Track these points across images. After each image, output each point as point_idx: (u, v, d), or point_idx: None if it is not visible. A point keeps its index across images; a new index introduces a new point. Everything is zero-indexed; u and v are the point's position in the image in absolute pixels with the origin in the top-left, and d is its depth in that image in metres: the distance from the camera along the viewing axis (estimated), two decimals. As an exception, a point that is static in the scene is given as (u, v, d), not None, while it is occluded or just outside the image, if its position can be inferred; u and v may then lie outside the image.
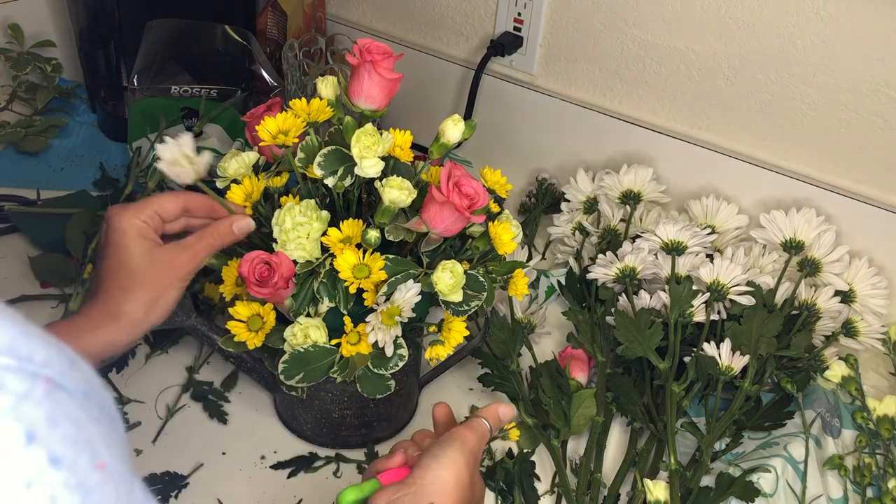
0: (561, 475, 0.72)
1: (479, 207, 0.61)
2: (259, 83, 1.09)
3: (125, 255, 0.59)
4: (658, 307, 0.81)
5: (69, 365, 0.28)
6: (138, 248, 0.59)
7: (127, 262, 0.59)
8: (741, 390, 0.74)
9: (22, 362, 0.26)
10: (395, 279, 0.62)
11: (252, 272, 0.60)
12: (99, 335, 0.57)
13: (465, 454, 0.53)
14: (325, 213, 0.62)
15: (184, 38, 1.06)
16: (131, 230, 0.59)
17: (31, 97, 1.13)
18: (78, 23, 1.12)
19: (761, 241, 0.86)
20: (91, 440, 0.27)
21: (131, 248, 0.59)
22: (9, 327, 0.27)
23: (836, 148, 0.89)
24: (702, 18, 0.91)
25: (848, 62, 0.84)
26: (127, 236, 0.59)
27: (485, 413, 0.59)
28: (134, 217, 0.60)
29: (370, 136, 0.61)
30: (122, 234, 0.59)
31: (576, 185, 0.98)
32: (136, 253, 0.59)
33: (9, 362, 0.26)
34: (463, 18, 1.11)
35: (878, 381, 0.86)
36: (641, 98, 1.01)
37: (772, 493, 0.70)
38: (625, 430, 0.79)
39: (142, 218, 0.60)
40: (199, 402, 0.79)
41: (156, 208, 0.61)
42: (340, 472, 0.74)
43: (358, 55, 0.64)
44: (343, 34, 1.15)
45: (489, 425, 0.58)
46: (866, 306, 0.82)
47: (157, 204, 0.61)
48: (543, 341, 0.90)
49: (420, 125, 0.92)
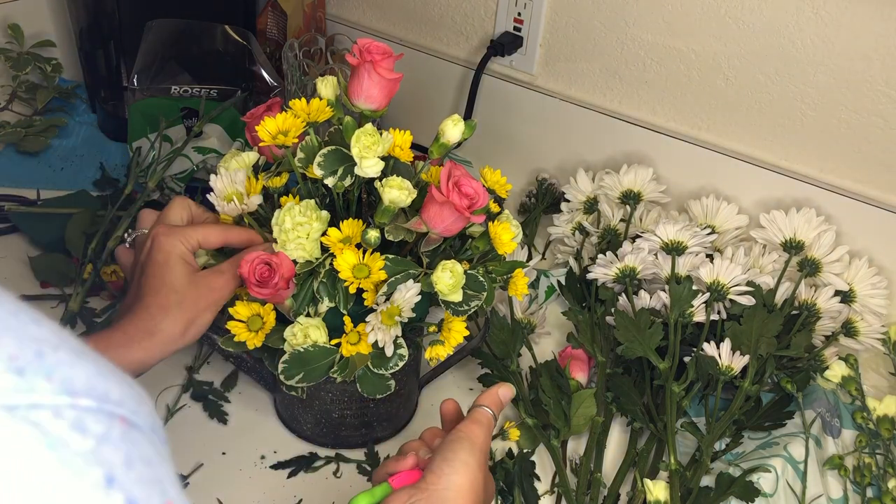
0: (561, 475, 0.72)
1: (479, 207, 0.61)
2: (259, 83, 1.09)
3: (169, 275, 0.61)
4: (658, 307, 0.81)
5: (139, 400, 0.29)
6: (181, 269, 0.62)
7: (171, 281, 0.61)
8: (741, 390, 0.74)
9: (100, 402, 0.26)
10: (395, 279, 0.62)
11: (252, 273, 0.60)
12: (133, 351, 0.59)
13: (475, 454, 0.54)
14: (324, 213, 0.62)
15: (184, 38, 1.06)
16: (176, 253, 0.62)
17: (31, 97, 1.13)
18: (78, 23, 1.12)
19: (761, 241, 0.86)
20: (160, 478, 0.28)
21: (175, 270, 0.62)
22: (86, 365, 0.27)
23: (836, 148, 0.89)
24: (702, 18, 0.91)
25: (848, 62, 0.84)
26: (172, 258, 0.62)
27: (485, 400, 0.59)
28: (180, 242, 0.62)
29: (370, 136, 0.61)
30: (167, 254, 0.62)
31: (576, 185, 0.98)
32: (179, 274, 0.62)
33: (89, 404, 0.26)
34: (463, 18, 1.11)
35: (878, 381, 0.86)
36: (641, 98, 1.01)
37: (772, 493, 0.70)
38: (625, 430, 0.79)
39: (187, 246, 0.63)
40: (199, 402, 0.79)
41: (200, 239, 0.64)
42: (340, 472, 0.74)
43: (358, 55, 0.64)
44: (343, 34, 1.15)
45: (492, 412, 0.58)
46: (866, 306, 0.82)
47: (202, 235, 0.64)
48: (543, 341, 0.90)
49: (420, 125, 0.92)
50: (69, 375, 0.26)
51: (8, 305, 0.27)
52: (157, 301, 0.61)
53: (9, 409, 0.24)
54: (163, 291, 0.61)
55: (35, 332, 0.27)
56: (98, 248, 0.88)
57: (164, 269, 0.61)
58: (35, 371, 0.25)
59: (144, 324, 0.60)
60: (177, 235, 0.63)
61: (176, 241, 0.62)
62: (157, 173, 0.93)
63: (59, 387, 0.25)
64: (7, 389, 0.24)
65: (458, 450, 0.53)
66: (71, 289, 0.87)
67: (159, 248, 0.62)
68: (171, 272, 0.61)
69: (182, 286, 0.61)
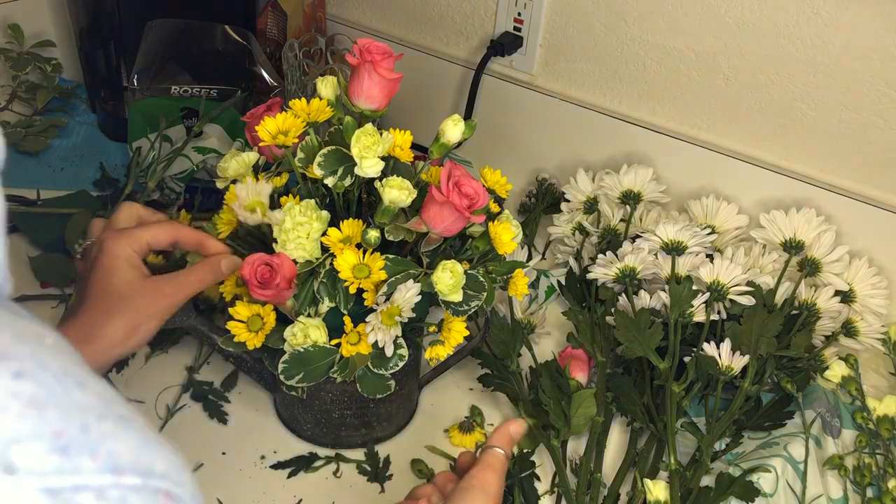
0: (561, 475, 0.72)
1: (479, 207, 0.61)
2: (259, 83, 1.09)
3: (115, 280, 0.60)
4: (658, 307, 0.81)
5: (182, 468, 0.28)
6: (127, 275, 0.60)
7: (116, 286, 0.59)
8: (741, 390, 0.74)
9: (145, 479, 0.26)
10: (395, 279, 0.62)
11: (254, 274, 0.60)
12: None
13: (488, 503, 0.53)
14: (325, 213, 0.62)
15: (184, 38, 1.06)
16: (122, 257, 0.60)
17: (31, 97, 1.13)
18: (78, 23, 1.12)
19: (761, 241, 0.86)
20: None
21: (120, 275, 0.60)
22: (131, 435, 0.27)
23: (836, 148, 0.89)
24: (702, 18, 0.91)
25: (848, 62, 0.84)
26: (118, 263, 0.60)
27: (497, 440, 0.58)
28: (128, 246, 0.61)
29: (370, 136, 0.61)
30: (113, 259, 0.60)
31: (576, 185, 0.98)
32: (124, 280, 0.60)
33: (134, 482, 0.26)
34: (463, 18, 1.11)
35: (878, 381, 0.86)
36: (641, 98, 1.01)
37: (772, 493, 0.70)
38: (625, 430, 0.79)
39: (135, 248, 0.61)
40: (199, 402, 0.79)
41: (149, 239, 0.62)
42: (340, 472, 0.74)
43: (358, 55, 0.64)
44: (343, 34, 1.15)
45: (503, 452, 0.57)
46: (866, 306, 0.82)
47: (150, 235, 0.62)
48: (543, 341, 0.90)
49: (420, 125, 0.92)
50: (114, 450, 0.25)
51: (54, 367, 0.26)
52: (101, 306, 0.59)
53: (53, 494, 0.24)
54: (107, 296, 0.59)
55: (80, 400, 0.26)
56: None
57: (111, 273, 0.60)
58: (80, 449, 0.25)
59: (86, 329, 0.58)
60: (124, 238, 0.61)
61: (123, 244, 0.61)
62: (157, 173, 0.93)
63: (104, 465, 0.25)
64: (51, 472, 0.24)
65: (470, 500, 0.53)
66: (71, 289, 0.87)
67: (106, 252, 0.60)
68: (118, 277, 0.60)
69: (128, 291, 0.60)
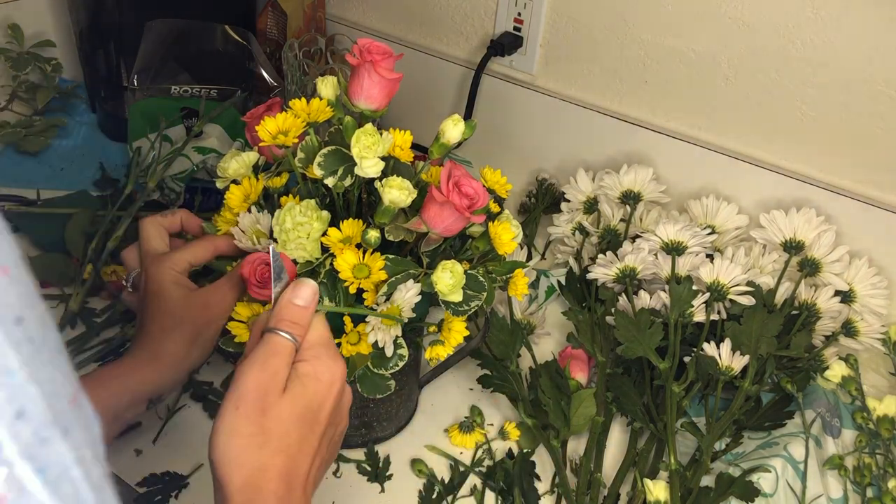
0: (561, 475, 0.72)
1: (479, 207, 0.61)
2: (259, 83, 1.09)
3: (164, 301, 0.65)
4: (658, 307, 0.81)
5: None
6: (174, 294, 0.65)
7: (166, 307, 0.64)
8: (741, 390, 0.74)
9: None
10: (395, 279, 0.62)
11: (253, 274, 0.60)
12: (144, 374, 0.62)
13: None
14: (325, 213, 0.62)
15: (184, 38, 1.06)
16: (167, 280, 0.65)
17: (31, 97, 1.13)
18: (78, 23, 1.12)
19: (761, 241, 0.86)
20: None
21: (168, 296, 0.65)
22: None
23: (836, 148, 0.89)
24: (702, 18, 0.91)
25: (848, 62, 0.84)
26: (164, 286, 0.65)
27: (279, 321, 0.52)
28: (170, 269, 0.66)
29: (370, 137, 0.61)
30: (159, 284, 0.65)
31: (576, 185, 0.98)
32: (172, 299, 0.65)
33: None
34: (463, 18, 1.11)
35: (878, 381, 0.86)
36: (641, 98, 1.01)
37: (772, 493, 0.70)
38: (625, 430, 0.79)
39: (177, 270, 0.66)
40: (199, 402, 0.79)
41: (189, 259, 0.67)
42: (340, 472, 0.74)
43: (358, 55, 0.63)
44: (343, 34, 1.15)
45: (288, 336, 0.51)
46: (866, 306, 0.82)
47: (191, 255, 0.67)
48: (543, 342, 0.90)
49: (420, 125, 0.92)
50: None
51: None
52: (158, 326, 0.64)
53: None
54: (161, 317, 0.64)
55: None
56: (98, 248, 0.88)
57: (159, 297, 0.65)
58: None
59: (151, 349, 0.63)
60: (167, 263, 0.66)
61: (166, 268, 0.65)
62: (157, 173, 0.93)
63: None
64: None
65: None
66: (71, 289, 0.87)
67: (152, 279, 0.66)
68: (166, 298, 0.64)
69: (178, 309, 0.64)
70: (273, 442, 0.47)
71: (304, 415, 0.49)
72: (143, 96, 1.03)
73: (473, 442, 0.77)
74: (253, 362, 0.49)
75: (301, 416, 0.49)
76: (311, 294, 0.52)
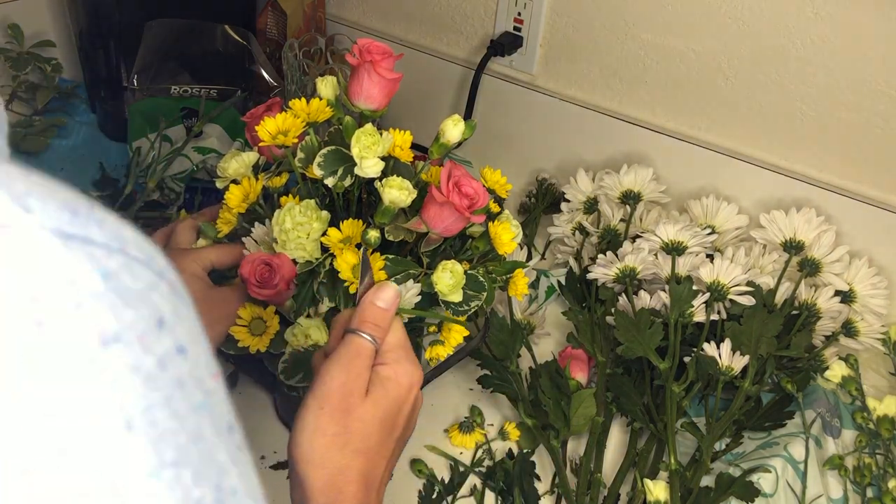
0: (561, 475, 0.72)
1: (479, 207, 0.61)
2: (259, 83, 1.09)
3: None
4: (658, 307, 0.81)
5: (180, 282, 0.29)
6: (192, 286, 0.64)
7: None
8: (741, 390, 0.74)
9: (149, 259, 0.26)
10: (395, 279, 0.62)
11: (253, 273, 0.60)
12: None
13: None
14: (325, 213, 0.62)
15: (184, 38, 1.06)
16: (188, 272, 0.65)
17: (31, 97, 1.13)
18: (78, 23, 1.12)
19: (761, 241, 0.86)
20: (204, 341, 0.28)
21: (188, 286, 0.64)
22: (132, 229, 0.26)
23: (835, 148, 0.89)
24: (702, 18, 0.91)
25: (848, 62, 0.84)
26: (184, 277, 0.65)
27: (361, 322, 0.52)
28: (193, 262, 0.66)
29: (370, 136, 0.61)
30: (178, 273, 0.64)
31: (576, 185, 0.98)
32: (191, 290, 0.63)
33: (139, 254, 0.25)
34: (463, 18, 1.11)
35: (878, 381, 0.86)
36: (641, 98, 1.01)
37: (772, 493, 0.70)
38: (625, 430, 0.79)
39: (200, 265, 0.66)
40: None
41: (213, 259, 0.67)
42: (340, 472, 0.74)
43: (358, 55, 0.63)
44: (343, 34, 1.15)
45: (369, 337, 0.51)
46: (866, 306, 0.82)
47: (215, 256, 0.67)
48: (543, 342, 0.90)
49: (420, 125, 0.92)
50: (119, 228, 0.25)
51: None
52: None
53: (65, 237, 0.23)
54: None
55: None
56: None
57: None
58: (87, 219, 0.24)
59: None
60: (190, 256, 0.66)
61: (189, 261, 0.66)
62: (157, 173, 0.93)
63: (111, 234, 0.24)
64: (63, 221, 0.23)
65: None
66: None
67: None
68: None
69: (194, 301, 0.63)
70: (355, 443, 0.48)
71: (385, 418, 0.50)
72: (143, 96, 1.03)
73: (473, 442, 0.77)
74: (336, 363, 0.49)
75: (382, 419, 0.49)
76: (393, 297, 0.52)
